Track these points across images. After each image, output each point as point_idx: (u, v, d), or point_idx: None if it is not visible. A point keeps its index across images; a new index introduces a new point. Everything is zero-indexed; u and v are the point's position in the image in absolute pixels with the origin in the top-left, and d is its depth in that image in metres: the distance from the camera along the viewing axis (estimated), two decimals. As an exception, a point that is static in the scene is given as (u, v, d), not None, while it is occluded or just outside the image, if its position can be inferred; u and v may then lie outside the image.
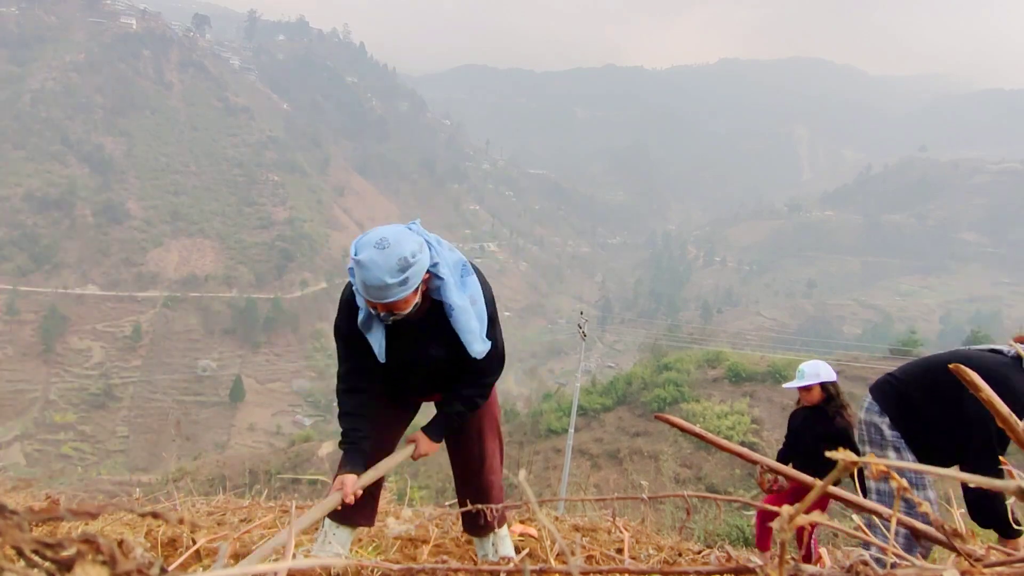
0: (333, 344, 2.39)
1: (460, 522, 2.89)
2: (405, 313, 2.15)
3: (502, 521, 2.66)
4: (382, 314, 2.14)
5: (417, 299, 2.16)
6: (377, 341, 2.26)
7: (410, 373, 2.41)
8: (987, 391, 0.70)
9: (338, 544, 2.46)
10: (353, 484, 2.19)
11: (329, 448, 31.11)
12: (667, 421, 1.22)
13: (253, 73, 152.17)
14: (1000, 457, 2.46)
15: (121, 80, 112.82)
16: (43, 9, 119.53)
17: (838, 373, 3.94)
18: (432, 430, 2.46)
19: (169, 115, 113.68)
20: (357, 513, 2.44)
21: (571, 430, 19.87)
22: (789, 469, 0.90)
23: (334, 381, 2.44)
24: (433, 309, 2.27)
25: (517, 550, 2.79)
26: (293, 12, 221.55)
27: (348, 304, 2.29)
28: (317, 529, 2.60)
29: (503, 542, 2.68)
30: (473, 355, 2.26)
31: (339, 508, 2.21)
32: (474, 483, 2.60)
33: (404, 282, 2.04)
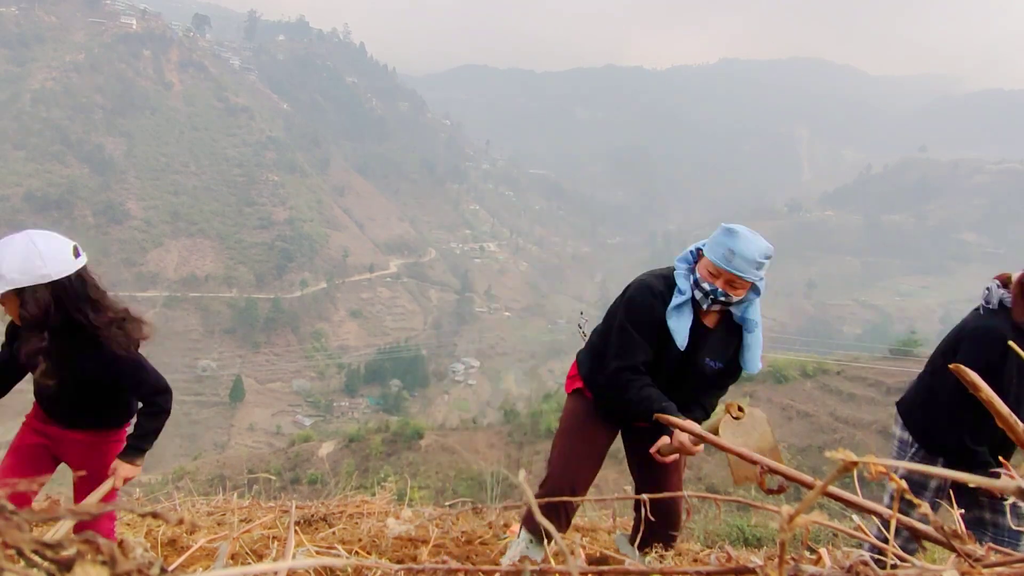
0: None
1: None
2: (735, 301, 2.10)
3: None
4: (718, 291, 2.06)
5: (744, 295, 2.12)
6: (683, 327, 2.11)
7: (683, 381, 2.22)
8: (986, 391, 0.71)
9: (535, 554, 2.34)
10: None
11: (329, 448, 31.07)
12: (667, 421, 1.24)
13: (253, 73, 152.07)
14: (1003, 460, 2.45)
15: (121, 80, 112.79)
16: (43, 9, 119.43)
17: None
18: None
19: (169, 115, 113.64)
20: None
21: (571, 430, 19.81)
22: (789, 469, 0.87)
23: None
24: (726, 319, 2.20)
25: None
26: (293, 12, 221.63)
27: (651, 288, 2.15)
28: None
29: None
30: (750, 371, 2.23)
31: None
32: (672, 507, 2.40)
33: (760, 267, 2.04)
